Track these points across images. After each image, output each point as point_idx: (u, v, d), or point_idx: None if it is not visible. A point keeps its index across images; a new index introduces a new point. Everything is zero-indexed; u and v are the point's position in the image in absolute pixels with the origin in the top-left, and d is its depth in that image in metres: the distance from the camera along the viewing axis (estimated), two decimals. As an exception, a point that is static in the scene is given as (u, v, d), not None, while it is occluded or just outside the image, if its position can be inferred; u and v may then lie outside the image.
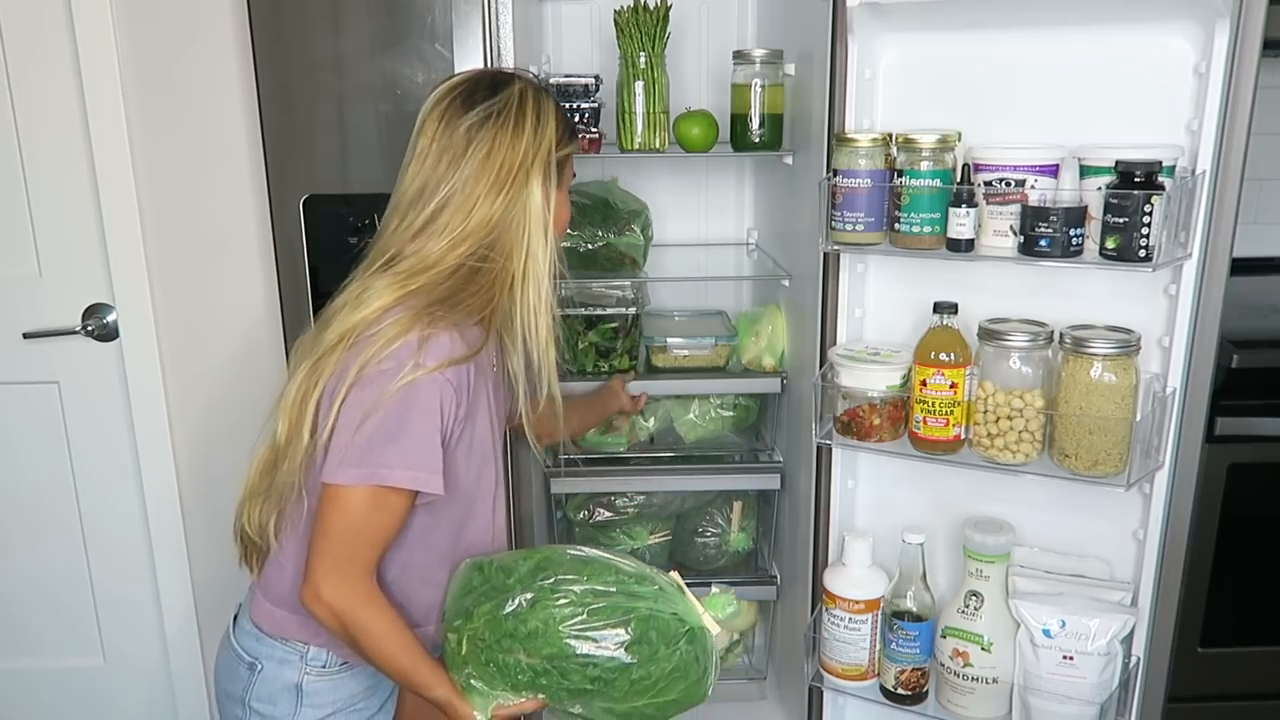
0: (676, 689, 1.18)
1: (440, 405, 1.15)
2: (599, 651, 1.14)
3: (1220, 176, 1.33)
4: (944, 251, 1.43)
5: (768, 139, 1.83)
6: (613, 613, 1.15)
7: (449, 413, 1.16)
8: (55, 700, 2.18)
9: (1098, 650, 1.44)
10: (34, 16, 1.83)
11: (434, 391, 1.14)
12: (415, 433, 1.13)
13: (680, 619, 1.18)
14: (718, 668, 1.23)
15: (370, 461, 1.12)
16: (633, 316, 1.95)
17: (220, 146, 1.90)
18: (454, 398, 1.16)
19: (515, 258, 1.21)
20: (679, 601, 1.20)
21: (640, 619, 1.16)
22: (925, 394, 1.46)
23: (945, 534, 1.64)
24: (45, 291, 1.97)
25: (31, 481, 2.07)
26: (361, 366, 1.13)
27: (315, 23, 1.71)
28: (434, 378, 1.13)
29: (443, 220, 1.19)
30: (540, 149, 1.21)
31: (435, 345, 1.14)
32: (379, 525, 1.16)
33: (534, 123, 1.21)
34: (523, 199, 1.20)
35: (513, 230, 1.21)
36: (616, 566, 1.20)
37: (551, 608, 1.15)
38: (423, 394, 1.13)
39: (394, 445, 1.12)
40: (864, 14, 1.45)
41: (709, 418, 2.04)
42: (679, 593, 1.21)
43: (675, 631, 1.17)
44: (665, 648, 1.16)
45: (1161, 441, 1.41)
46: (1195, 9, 1.33)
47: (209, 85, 1.87)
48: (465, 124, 1.19)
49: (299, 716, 1.26)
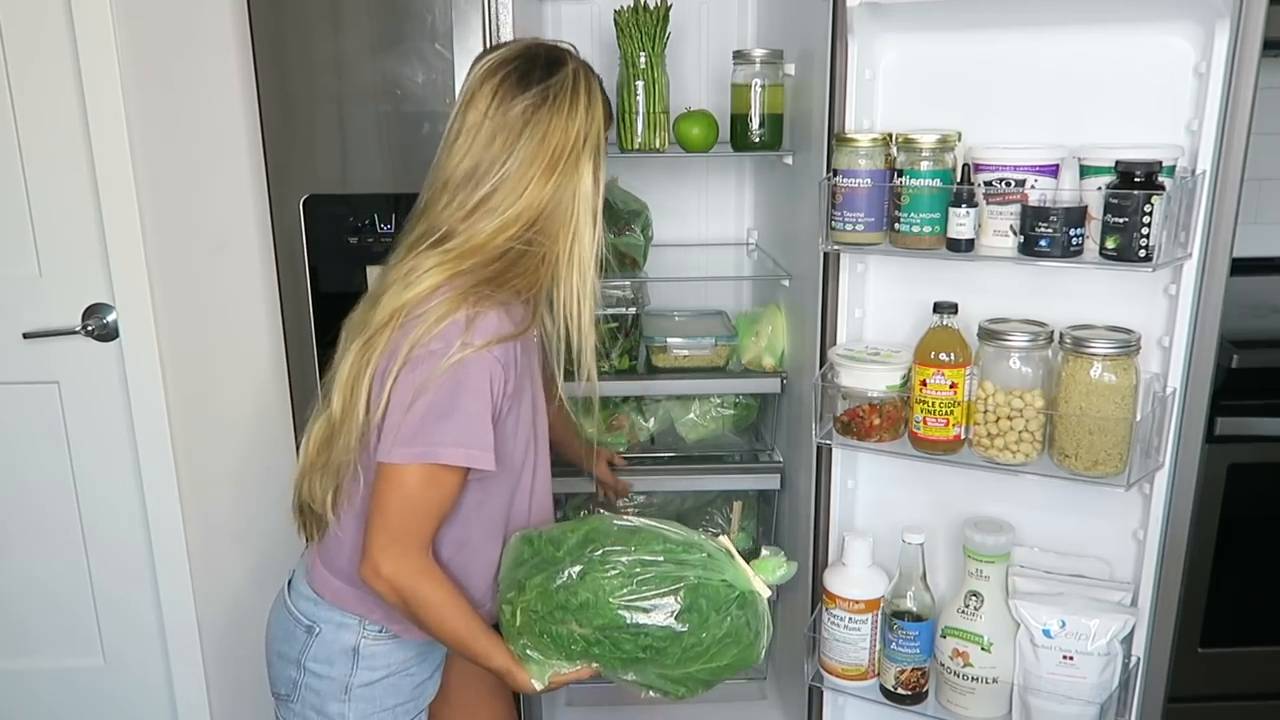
0: (729, 654, 1.20)
1: (490, 383, 1.16)
2: (650, 620, 1.16)
3: (1220, 176, 1.33)
4: (944, 251, 1.43)
5: (768, 139, 1.83)
6: (662, 581, 1.17)
7: (498, 390, 1.18)
8: (55, 700, 2.18)
9: (1098, 650, 1.44)
10: (34, 16, 1.83)
11: (483, 370, 1.16)
12: (466, 410, 1.15)
13: (730, 585, 1.19)
14: (770, 630, 1.24)
15: (423, 440, 1.14)
16: (633, 316, 1.95)
17: (220, 146, 1.90)
18: (502, 375, 1.18)
19: (562, 240, 1.22)
20: (728, 567, 1.21)
21: (690, 587, 1.17)
22: (925, 394, 1.46)
23: (945, 534, 1.64)
24: (45, 291, 1.97)
25: (31, 481, 2.07)
26: (411, 346, 1.15)
27: (315, 23, 1.71)
28: (482, 356, 1.15)
29: (495, 201, 1.19)
30: (592, 131, 1.22)
31: (483, 324, 1.16)
32: (434, 501, 1.18)
33: (586, 104, 1.21)
34: (574, 182, 1.21)
35: (561, 212, 1.21)
36: (664, 535, 1.22)
37: (601, 579, 1.16)
38: (472, 372, 1.15)
39: (446, 423, 1.15)
40: (864, 14, 1.45)
41: (709, 418, 2.04)
42: (728, 558, 1.22)
43: (725, 597, 1.18)
44: (716, 614, 1.17)
45: (1161, 441, 1.41)
46: (1195, 9, 1.33)
47: (209, 85, 1.87)
48: (521, 104, 1.19)
49: (355, 678, 1.30)
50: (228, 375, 2.02)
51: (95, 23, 1.81)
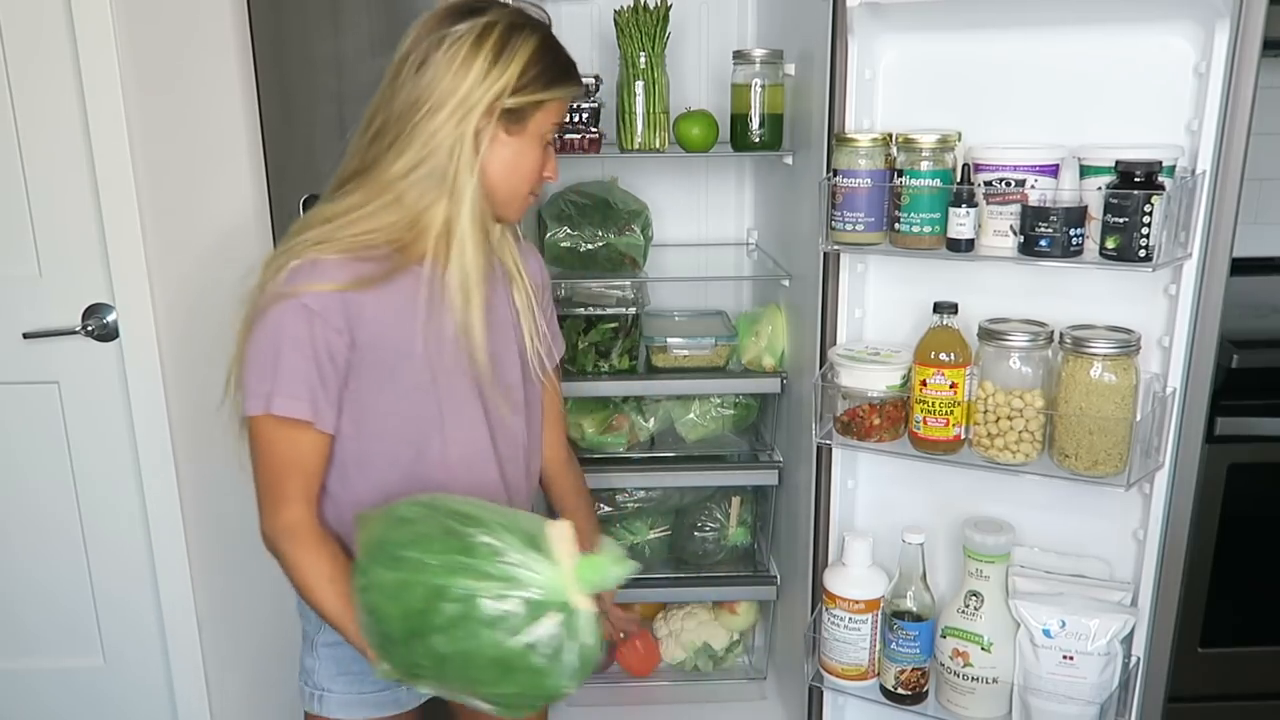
0: (512, 681, 1.02)
1: (309, 333, 1.12)
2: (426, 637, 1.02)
3: (1220, 176, 1.33)
4: (944, 251, 1.43)
5: (768, 139, 1.83)
6: (428, 594, 1.01)
7: (321, 340, 1.13)
8: (55, 700, 2.18)
9: (1098, 650, 1.44)
10: (34, 16, 1.83)
11: (296, 319, 1.12)
12: (282, 360, 1.13)
13: (505, 595, 0.99)
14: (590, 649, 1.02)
15: (254, 390, 1.14)
16: (633, 316, 1.96)
17: (220, 146, 1.90)
18: (324, 324, 1.13)
19: (436, 202, 1.16)
20: (529, 573, 1.00)
21: (438, 594, 1.00)
22: (925, 394, 1.46)
23: (945, 534, 1.64)
24: (45, 291, 1.97)
25: (31, 481, 2.07)
26: (256, 293, 1.15)
27: (315, 23, 1.71)
28: (292, 304, 1.12)
29: (380, 144, 1.17)
30: (489, 89, 1.14)
31: (302, 271, 1.13)
32: (284, 455, 1.16)
33: (490, 60, 1.14)
34: (452, 139, 1.14)
35: (436, 169, 1.15)
36: (454, 530, 1.03)
37: (383, 581, 1.04)
38: (286, 320, 1.12)
39: (268, 372, 1.13)
40: (864, 14, 1.45)
41: (709, 418, 2.04)
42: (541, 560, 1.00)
43: (492, 615, 0.99)
44: (489, 632, 1.00)
45: (1161, 441, 1.41)
46: (1195, 9, 1.33)
47: (209, 85, 1.87)
48: (423, 46, 1.16)
49: (320, 635, 1.31)
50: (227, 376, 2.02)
51: (95, 23, 1.81)
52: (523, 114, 1.18)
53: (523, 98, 1.17)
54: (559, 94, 1.21)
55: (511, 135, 1.19)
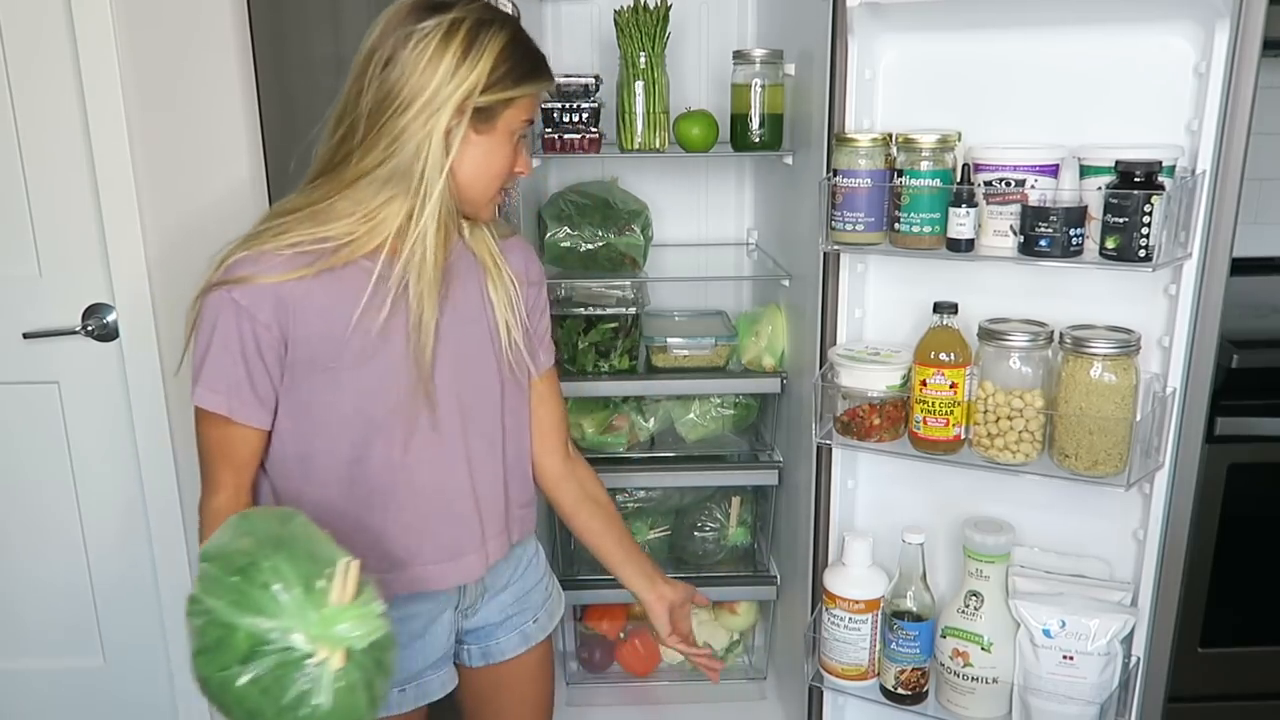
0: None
1: (236, 327, 1.12)
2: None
3: (1220, 176, 1.33)
4: (944, 251, 1.43)
5: (768, 139, 1.83)
6: (201, 617, 0.94)
7: (249, 334, 1.12)
8: (55, 700, 2.18)
9: (1098, 650, 1.44)
10: (34, 18, 1.83)
11: (225, 312, 1.12)
12: (209, 353, 1.14)
13: (253, 635, 0.91)
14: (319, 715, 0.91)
15: (193, 380, 1.16)
16: (633, 316, 1.95)
17: (220, 147, 1.90)
18: (251, 319, 1.12)
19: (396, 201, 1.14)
20: (279, 607, 0.91)
21: (212, 624, 0.93)
22: (925, 394, 1.46)
23: (945, 534, 1.64)
24: (45, 291, 1.97)
25: (31, 481, 2.07)
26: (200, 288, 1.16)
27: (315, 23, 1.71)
28: (223, 297, 1.12)
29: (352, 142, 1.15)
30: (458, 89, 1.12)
31: (234, 264, 1.13)
32: (213, 444, 1.18)
33: (458, 57, 1.12)
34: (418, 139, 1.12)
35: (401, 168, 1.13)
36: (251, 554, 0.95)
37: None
38: (214, 313, 1.13)
39: (198, 364, 1.15)
40: (864, 14, 1.45)
41: (709, 418, 2.04)
42: (303, 594, 0.92)
43: (243, 650, 0.92)
44: (217, 656, 0.93)
45: (1161, 441, 1.41)
46: (1195, 9, 1.33)
47: (209, 86, 1.87)
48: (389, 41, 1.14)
49: None
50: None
51: (95, 23, 1.81)
52: (493, 112, 1.16)
53: (492, 95, 1.14)
54: (529, 90, 1.18)
55: (481, 134, 1.17)
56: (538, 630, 1.42)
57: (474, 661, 1.38)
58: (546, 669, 1.46)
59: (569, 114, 1.80)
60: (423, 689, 1.32)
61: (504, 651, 1.39)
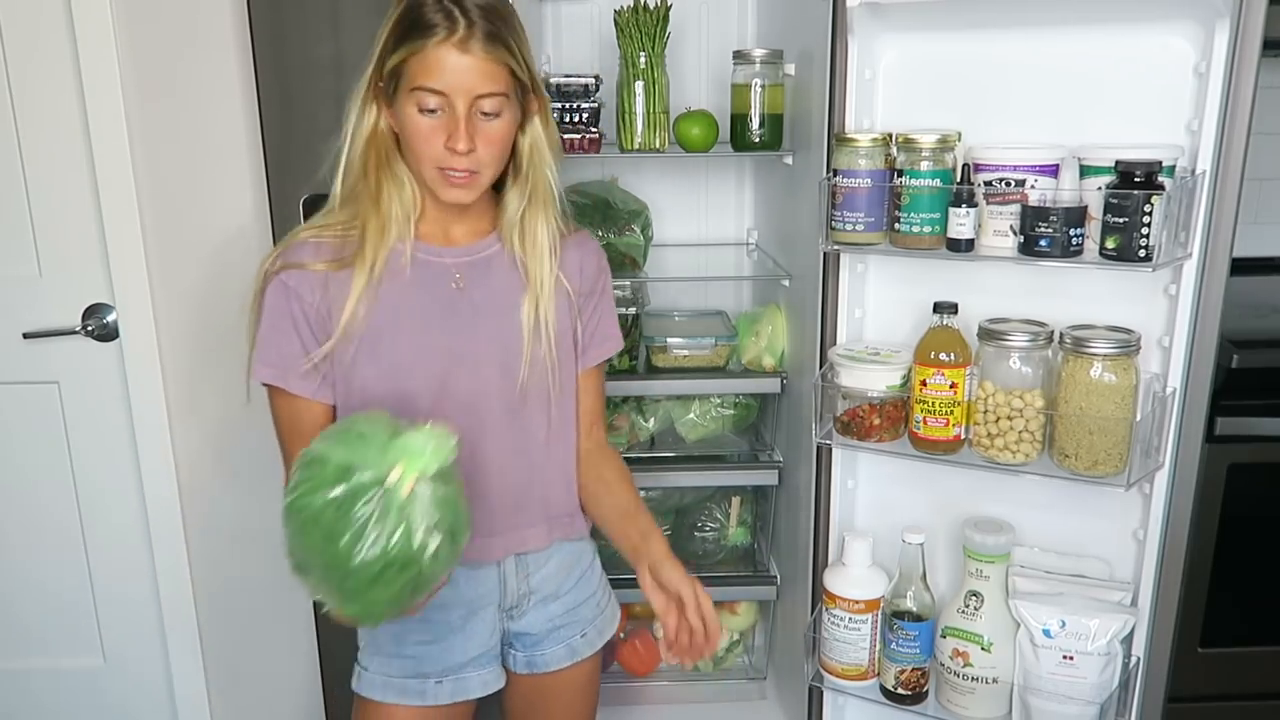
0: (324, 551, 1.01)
1: (285, 305, 1.19)
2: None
3: (1220, 176, 1.34)
4: (944, 251, 1.43)
5: (768, 139, 1.83)
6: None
7: (298, 313, 1.19)
8: (55, 700, 2.18)
9: (1098, 650, 1.44)
10: (34, 16, 1.83)
11: (273, 290, 1.19)
12: (263, 330, 1.21)
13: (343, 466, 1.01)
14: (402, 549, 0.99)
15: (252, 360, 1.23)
16: (633, 316, 1.95)
17: (220, 147, 1.90)
18: (298, 297, 1.19)
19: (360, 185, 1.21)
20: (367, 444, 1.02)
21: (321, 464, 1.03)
22: (925, 394, 1.46)
23: (945, 534, 1.64)
24: (45, 291, 1.97)
25: (31, 481, 2.07)
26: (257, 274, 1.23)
27: (315, 23, 1.71)
28: (274, 279, 1.19)
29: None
30: (368, 69, 1.18)
31: (285, 249, 1.21)
32: (282, 419, 1.24)
33: (383, 30, 1.17)
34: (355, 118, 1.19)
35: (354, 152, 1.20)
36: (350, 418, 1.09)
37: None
38: (266, 293, 1.20)
39: (258, 342, 1.21)
40: (864, 14, 1.45)
41: (709, 418, 2.04)
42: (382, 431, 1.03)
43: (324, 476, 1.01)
44: (322, 491, 1.01)
45: (1161, 441, 1.42)
46: (1195, 9, 1.33)
47: (209, 85, 1.87)
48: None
49: None
50: (227, 376, 2.02)
51: (95, 23, 1.81)
52: (394, 83, 1.16)
53: (388, 65, 1.15)
54: (408, 49, 1.13)
55: (392, 107, 1.18)
56: (585, 645, 1.39)
57: (518, 668, 1.38)
58: (593, 684, 1.45)
59: (569, 114, 1.80)
60: (461, 684, 1.32)
61: (548, 663, 1.37)
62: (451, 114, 1.14)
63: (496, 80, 1.14)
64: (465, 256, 1.26)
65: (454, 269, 1.25)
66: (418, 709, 1.31)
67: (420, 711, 1.31)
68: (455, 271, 1.25)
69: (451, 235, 1.26)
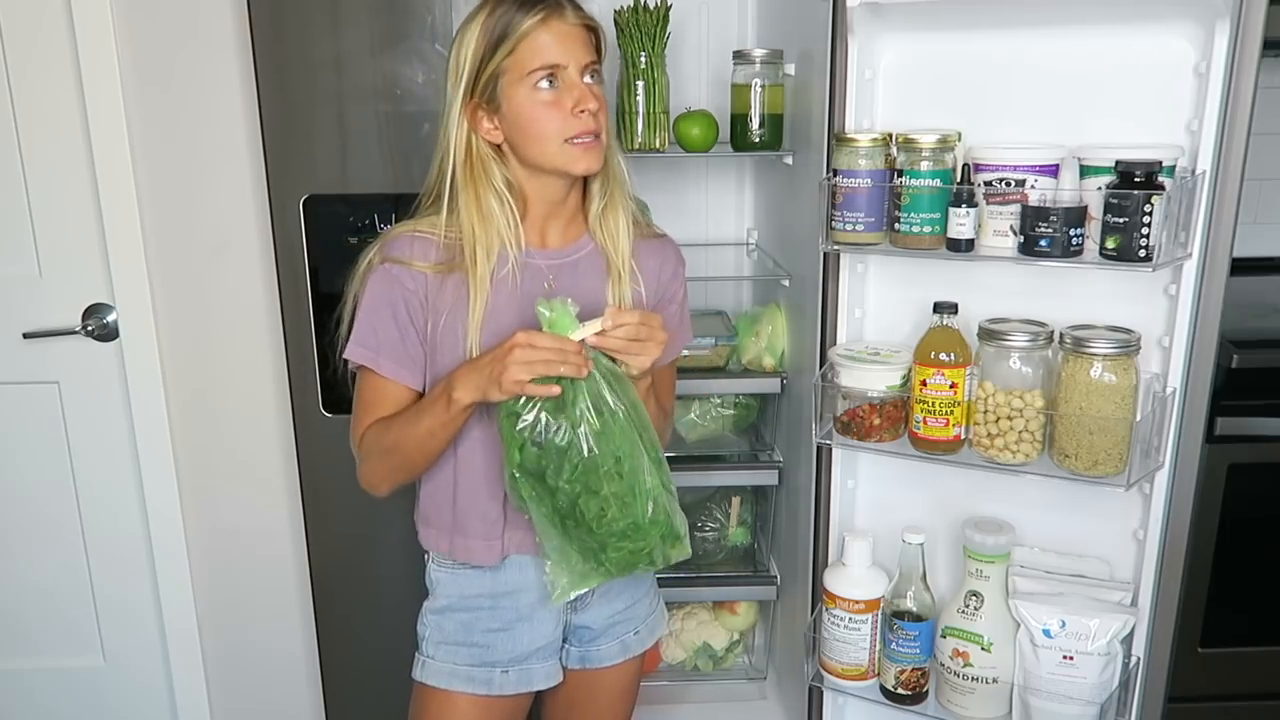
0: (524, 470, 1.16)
1: (388, 293, 1.23)
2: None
3: (1220, 176, 1.33)
4: (944, 251, 1.42)
5: (768, 139, 1.83)
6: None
7: (400, 302, 1.23)
8: (55, 700, 2.18)
9: (1098, 650, 1.44)
10: (34, 16, 1.83)
11: (378, 278, 1.23)
12: (363, 314, 1.24)
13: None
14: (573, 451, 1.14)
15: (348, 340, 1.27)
16: (633, 316, 1.95)
17: (220, 146, 1.90)
18: (401, 286, 1.22)
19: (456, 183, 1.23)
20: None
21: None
22: (925, 394, 1.46)
23: (945, 534, 1.64)
24: (45, 291, 1.97)
25: (31, 481, 2.07)
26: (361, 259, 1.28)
27: (315, 23, 1.71)
28: (375, 267, 1.24)
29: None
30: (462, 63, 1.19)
31: (390, 241, 1.24)
32: (365, 394, 1.28)
33: (464, 33, 1.20)
34: (448, 119, 1.22)
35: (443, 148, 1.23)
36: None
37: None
38: (370, 280, 1.24)
39: (356, 323, 1.25)
40: (864, 14, 1.45)
41: (709, 418, 2.04)
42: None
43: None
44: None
45: (1161, 441, 1.41)
46: (1195, 9, 1.33)
47: (209, 85, 1.87)
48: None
49: (429, 603, 1.38)
50: (227, 375, 2.02)
51: (95, 22, 1.81)
52: (494, 85, 1.19)
53: (487, 72, 1.18)
54: (513, 41, 1.17)
55: (500, 112, 1.20)
56: (637, 642, 1.43)
57: (570, 663, 1.40)
58: (636, 684, 1.49)
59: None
60: (526, 675, 1.35)
61: (601, 659, 1.40)
62: (567, 85, 1.19)
63: (593, 45, 1.22)
64: (557, 259, 1.29)
65: (547, 270, 1.28)
66: (482, 699, 1.34)
67: (484, 701, 1.34)
68: (549, 274, 1.28)
69: (547, 239, 1.30)
